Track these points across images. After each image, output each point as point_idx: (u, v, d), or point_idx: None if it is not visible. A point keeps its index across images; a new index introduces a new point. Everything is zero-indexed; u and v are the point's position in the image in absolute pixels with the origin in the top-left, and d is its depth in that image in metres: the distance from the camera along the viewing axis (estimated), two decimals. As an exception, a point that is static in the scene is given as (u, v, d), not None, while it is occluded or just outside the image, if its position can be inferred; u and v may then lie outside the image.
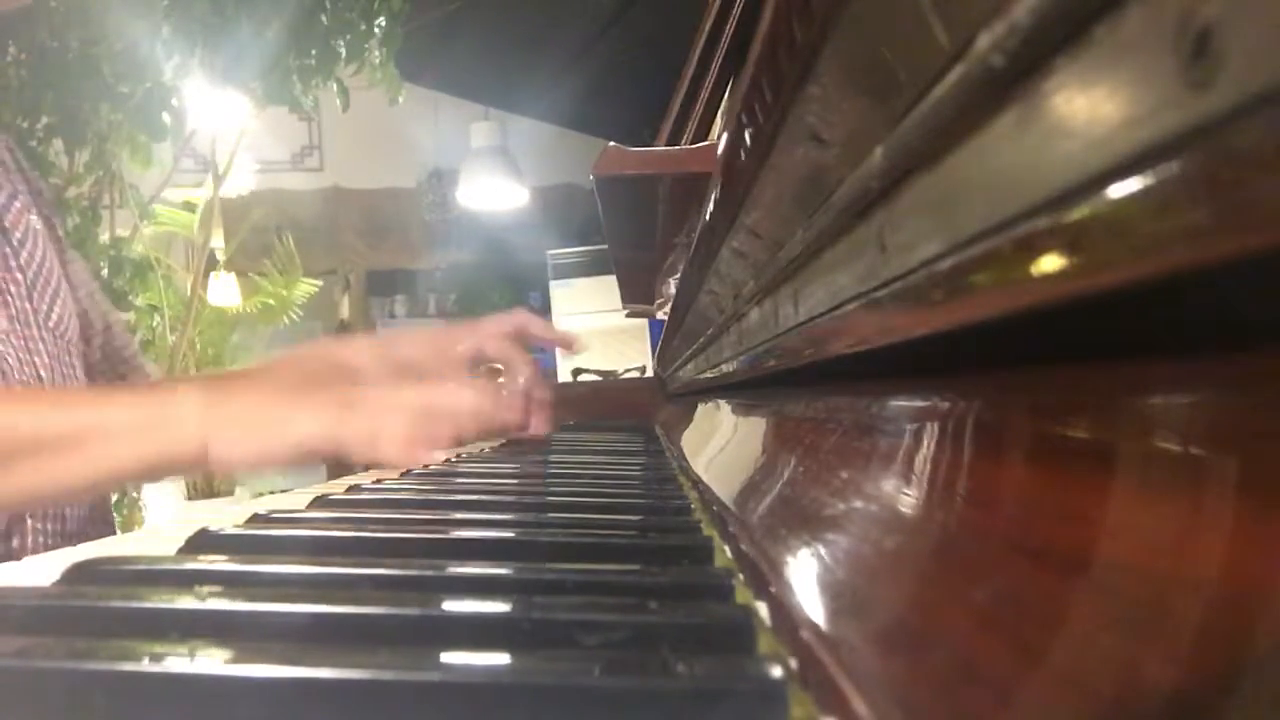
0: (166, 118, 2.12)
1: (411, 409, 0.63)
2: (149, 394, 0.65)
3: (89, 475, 0.57)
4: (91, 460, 0.57)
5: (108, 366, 0.86)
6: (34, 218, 0.78)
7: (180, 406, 0.60)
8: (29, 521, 0.68)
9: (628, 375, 2.37)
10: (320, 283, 3.16)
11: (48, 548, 0.68)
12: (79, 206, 2.14)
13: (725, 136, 0.41)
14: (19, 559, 0.33)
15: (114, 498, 2.11)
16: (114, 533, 0.81)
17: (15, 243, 0.74)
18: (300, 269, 2.99)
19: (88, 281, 0.85)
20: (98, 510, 0.77)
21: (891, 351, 0.23)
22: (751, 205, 0.37)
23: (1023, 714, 0.13)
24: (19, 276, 0.73)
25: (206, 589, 0.23)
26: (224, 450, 0.60)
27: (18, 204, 0.76)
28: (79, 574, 0.26)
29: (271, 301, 2.91)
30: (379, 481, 0.54)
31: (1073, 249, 0.13)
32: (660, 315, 1.28)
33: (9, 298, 0.71)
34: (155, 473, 0.61)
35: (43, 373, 0.71)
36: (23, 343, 0.71)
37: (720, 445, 0.57)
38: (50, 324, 0.74)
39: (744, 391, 0.60)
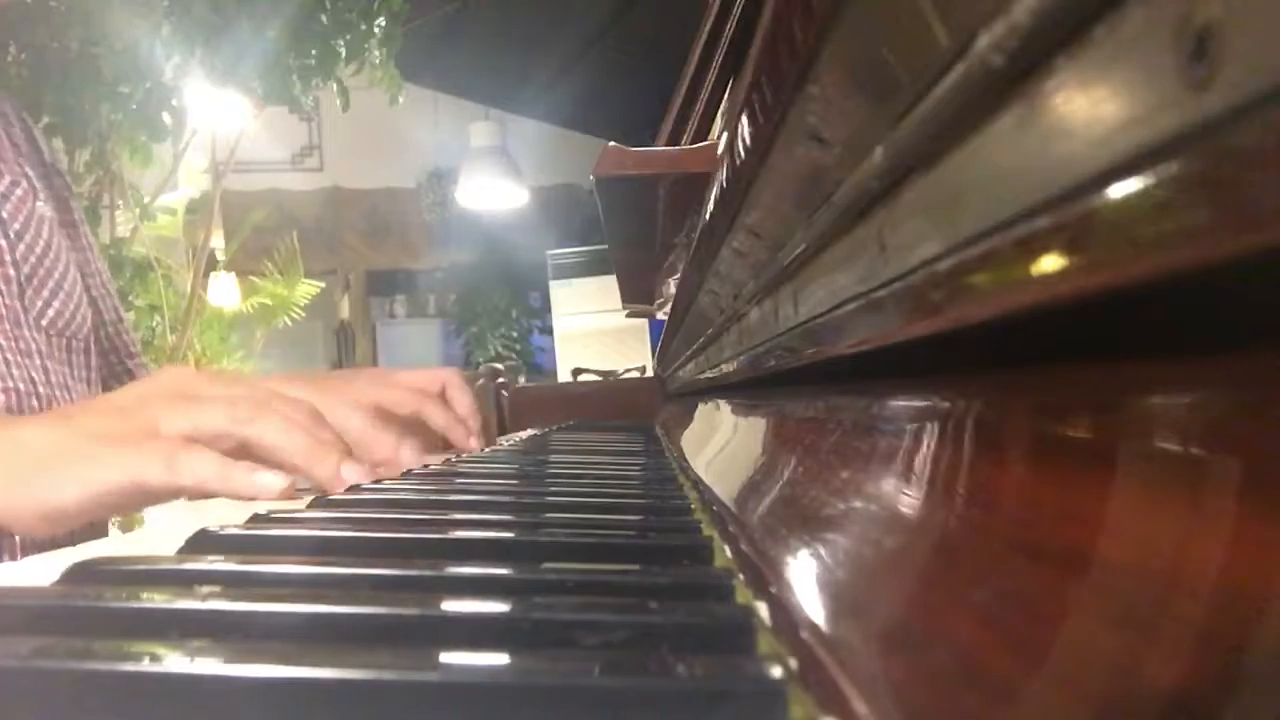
0: (166, 118, 2.12)
1: (218, 419, 0.51)
2: None
3: None
4: None
5: (115, 359, 0.84)
6: (40, 204, 0.75)
7: None
8: (17, 538, 0.65)
9: (628, 375, 2.37)
10: (322, 283, 3.17)
11: None
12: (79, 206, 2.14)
13: (725, 136, 0.41)
14: None
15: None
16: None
17: (13, 234, 0.71)
18: (301, 269, 3.00)
19: (104, 269, 0.84)
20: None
21: (891, 351, 0.23)
22: (751, 205, 0.37)
23: (1023, 714, 0.13)
24: (11, 273, 0.70)
25: (206, 589, 0.23)
26: (2, 504, 0.48)
27: (20, 191, 0.73)
28: (79, 574, 0.26)
29: (269, 301, 2.91)
30: (379, 481, 0.54)
31: (1072, 249, 0.13)
32: (660, 315, 1.28)
33: None
34: None
35: (35, 375, 0.69)
36: (13, 343, 0.69)
37: (720, 445, 0.57)
38: (45, 322, 0.72)
39: (744, 391, 0.60)
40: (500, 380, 1.75)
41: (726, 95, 0.69)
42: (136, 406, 0.53)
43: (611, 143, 0.64)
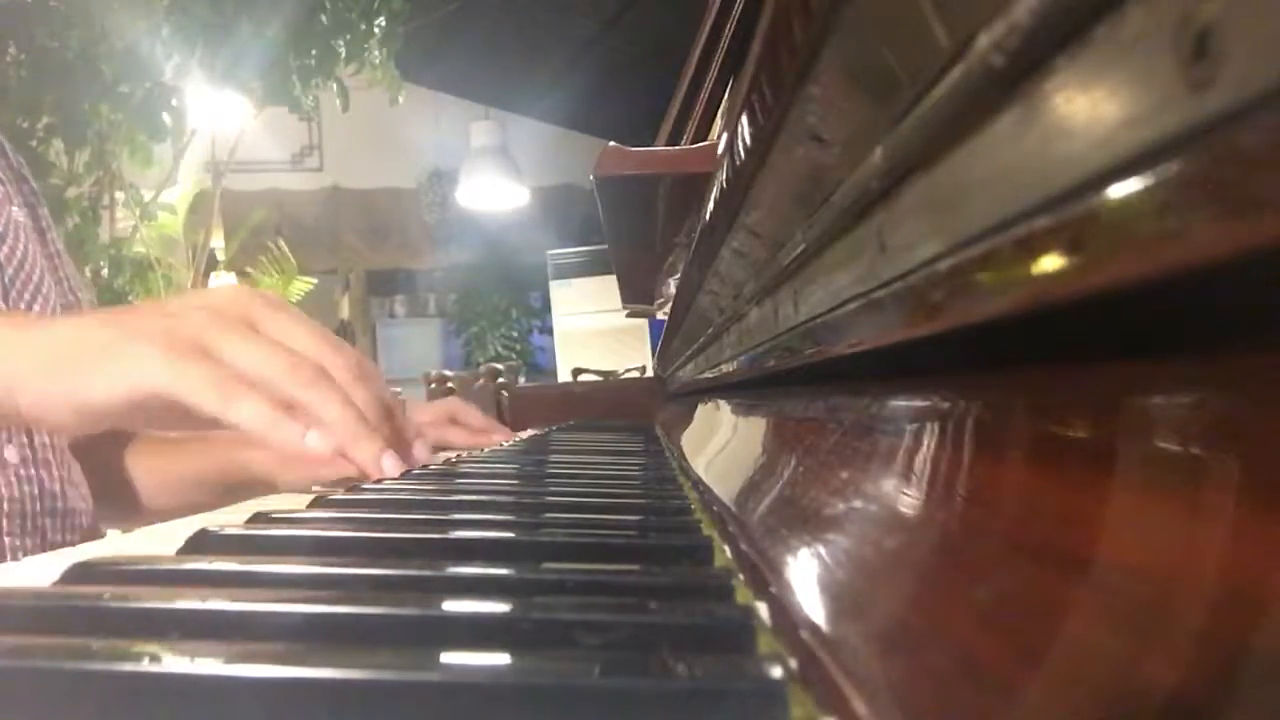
0: (166, 118, 2.12)
1: (279, 370, 0.49)
2: None
3: None
4: None
5: None
6: (15, 209, 0.74)
7: None
8: (6, 540, 0.64)
9: (628, 375, 2.37)
10: (315, 280, 3.16)
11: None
12: (79, 206, 2.14)
13: (725, 136, 0.41)
14: None
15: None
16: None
17: None
18: (295, 269, 3.00)
19: (73, 274, 0.83)
20: (90, 524, 0.75)
21: (891, 351, 0.23)
22: (751, 205, 0.37)
23: (1023, 714, 0.13)
24: None
25: (206, 589, 0.23)
26: (33, 393, 0.47)
27: None
28: (79, 574, 0.26)
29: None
30: (379, 481, 0.54)
31: (1072, 249, 0.13)
32: (660, 315, 1.28)
33: None
34: None
35: None
36: None
37: (720, 445, 0.57)
38: None
39: (744, 391, 0.60)
40: (500, 380, 1.75)
41: (726, 95, 0.69)
42: (187, 316, 0.50)
43: (611, 143, 0.64)
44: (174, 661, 0.17)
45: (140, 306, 0.57)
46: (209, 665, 0.17)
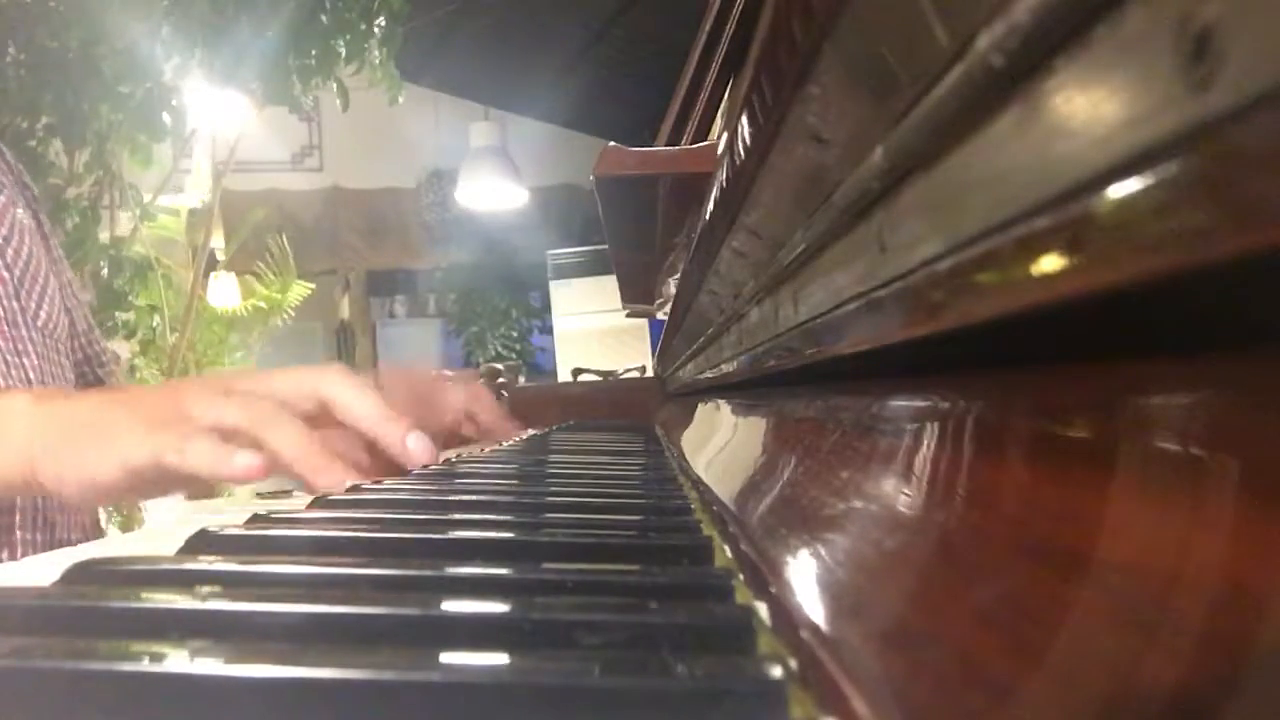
0: (166, 118, 2.12)
1: (238, 417, 0.52)
2: None
3: None
4: None
5: (88, 369, 0.84)
6: (20, 212, 0.75)
7: (6, 417, 0.52)
8: (18, 534, 0.66)
9: (628, 375, 2.37)
10: (313, 285, 3.16)
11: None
12: (79, 206, 2.14)
13: (725, 136, 0.41)
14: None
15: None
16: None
17: (1, 239, 0.72)
18: (294, 271, 2.99)
19: (73, 280, 0.84)
20: (91, 520, 0.75)
21: (891, 351, 0.23)
22: (751, 205, 0.37)
23: (1023, 714, 0.13)
24: (5, 275, 0.71)
25: (206, 589, 0.23)
26: (49, 469, 0.52)
27: (2, 198, 0.74)
28: (79, 574, 0.26)
29: (263, 304, 2.91)
30: (379, 482, 0.54)
31: (1073, 249, 0.13)
32: (660, 315, 1.28)
33: None
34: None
35: (31, 374, 0.69)
36: (10, 344, 0.69)
37: (720, 445, 0.57)
38: (39, 323, 0.72)
39: (744, 391, 0.60)
40: (500, 380, 1.75)
41: (726, 95, 0.69)
42: (177, 394, 0.56)
43: (611, 143, 0.64)
44: (174, 661, 0.17)
45: (145, 388, 0.63)
46: (209, 665, 0.17)
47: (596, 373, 2.46)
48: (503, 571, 0.26)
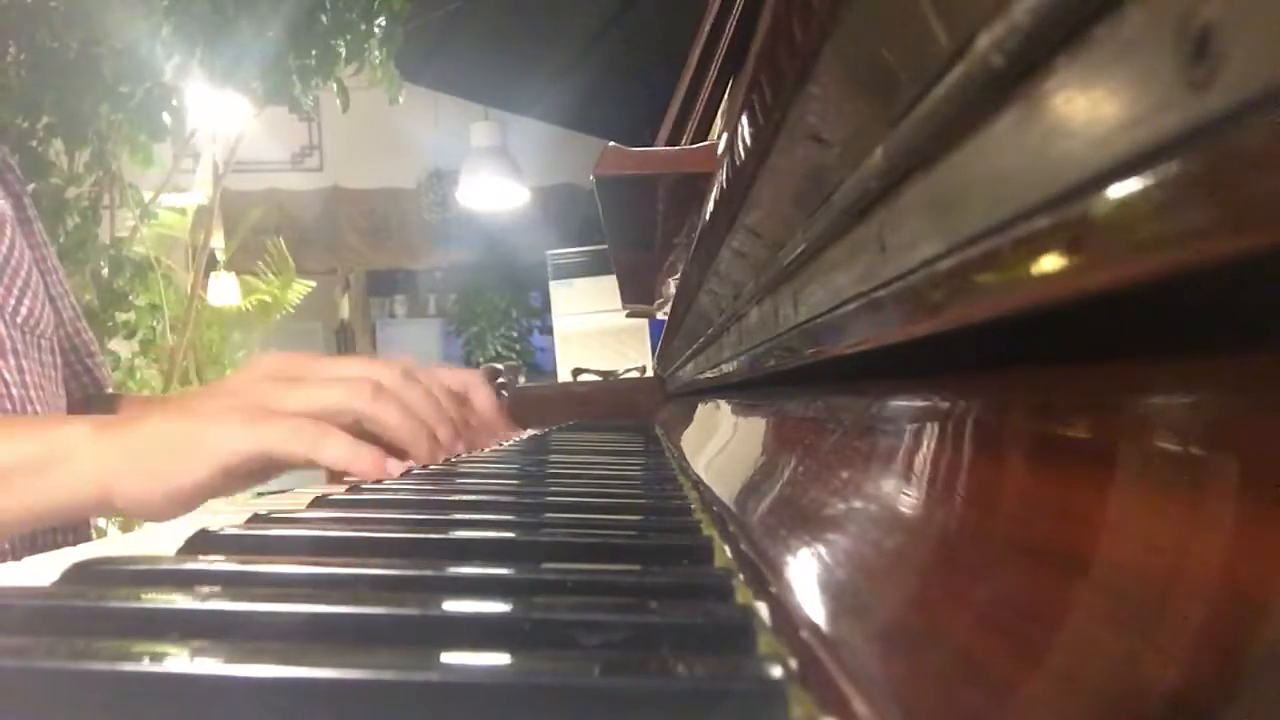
0: (166, 118, 2.12)
1: (339, 399, 0.57)
2: (35, 431, 0.56)
3: None
4: None
5: (74, 358, 0.83)
6: (1, 201, 0.74)
7: (70, 444, 0.53)
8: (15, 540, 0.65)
9: (628, 375, 2.37)
10: (314, 283, 3.16)
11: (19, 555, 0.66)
12: (79, 206, 2.14)
13: (725, 136, 0.41)
14: None
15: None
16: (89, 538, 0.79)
17: None
18: (294, 270, 2.99)
19: (59, 267, 0.82)
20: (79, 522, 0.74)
21: (891, 351, 0.23)
22: (751, 205, 0.37)
23: (1023, 714, 0.13)
24: None
25: (206, 589, 0.23)
26: (130, 487, 0.53)
27: None
28: (79, 574, 0.26)
29: (268, 299, 2.91)
30: (379, 482, 0.54)
31: (1072, 249, 0.13)
32: (660, 315, 1.28)
33: None
34: (51, 520, 0.56)
35: (9, 375, 0.68)
36: None
37: (720, 445, 0.57)
38: (19, 319, 0.71)
39: (744, 391, 0.60)
40: (500, 380, 1.75)
41: (726, 95, 0.69)
42: (248, 389, 0.59)
43: (611, 143, 0.64)
44: (174, 661, 0.17)
45: (202, 392, 0.67)
46: (209, 665, 0.17)
47: (596, 373, 2.45)
48: (503, 571, 0.26)
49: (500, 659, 0.17)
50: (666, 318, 1.14)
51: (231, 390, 0.60)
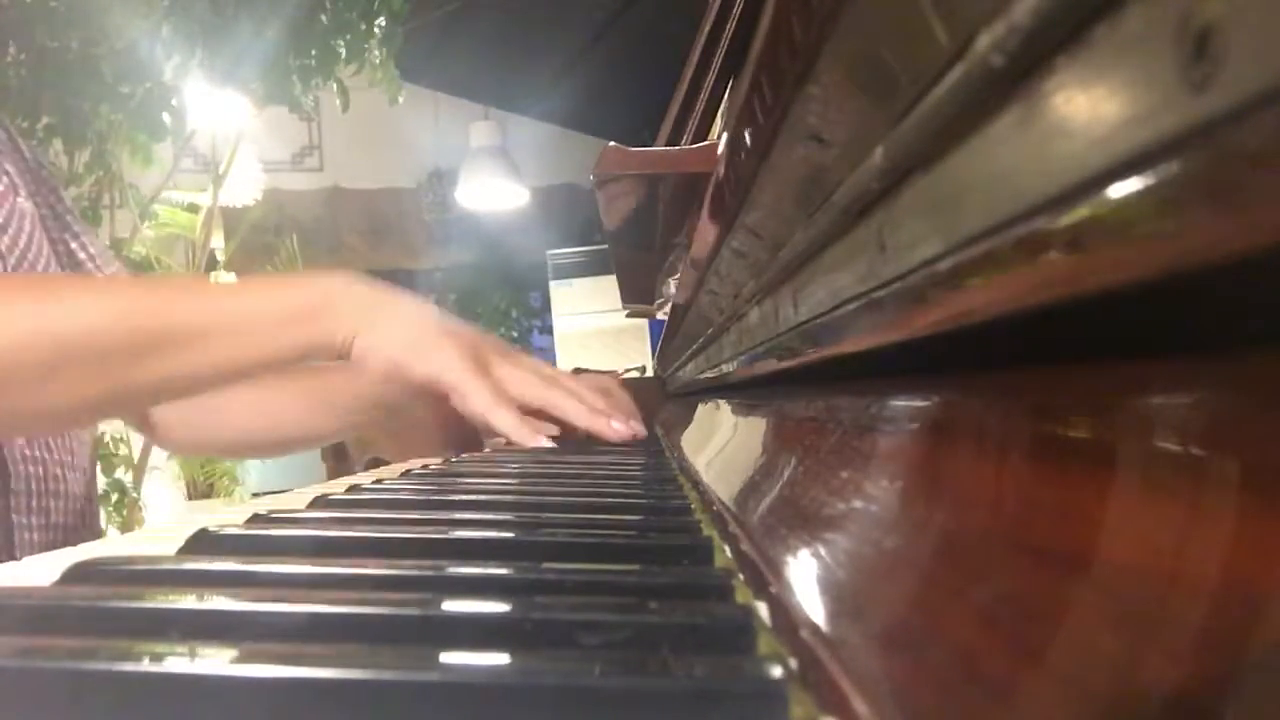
0: (166, 118, 2.12)
1: (534, 389, 0.69)
2: (300, 280, 0.66)
3: (234, 361, 0.58)
4: (237, 346, 0.58)
5: None
6: (21, 200, 0.75)
7: (335, 293, 0.62)
8: (14, 517, 0.67)
9: (628, 375, 2.37)
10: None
11: (33, 542, 0.67)
12: (79, 207, 2.13)
13: (725, 136, 0.41)
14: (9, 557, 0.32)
15: (114, 497, 2.11)
16: (97, 530, 0.80)
17: None
18: (301, 270, 3.00)
19: (95, 256, 0.83)
20: (87, 510, 0.75)
21: (891, 351, 0.23)
22: (751, 205, 0.37)
23: (1023, 714, 0.13)
24: None
25: (206, 589, 0.23)
26: (369, 345, 0.62)
27: (0, 186, 0.73)
28: (79, 574, 0.26)
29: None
30: (379, 481, 0.54)
31: (1073, 249, 0.13)
32: (660, 315, 1.28)
33: None
34: (301, 359, 0.63)
35: None
36: None
37: (720, 445, 0.57)
38: None
39: (744, 391, 0.60)
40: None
41: (726, 95, 0.68)
42: (478, 344, 0.69)
43: (611, 143, 0.64)
44: (174, 661, 0.17)
45: (450, 323, 0.75)
46: (209, 665, 0.17)
47: (596, 373, 2.45)
48: (503, 571, 0.26)
49: (500, 659, 0.17)
50: (666, 318, 1.14)
51: (469, 336, 0.69)
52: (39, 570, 0.28)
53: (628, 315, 1.50)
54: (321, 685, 0.16)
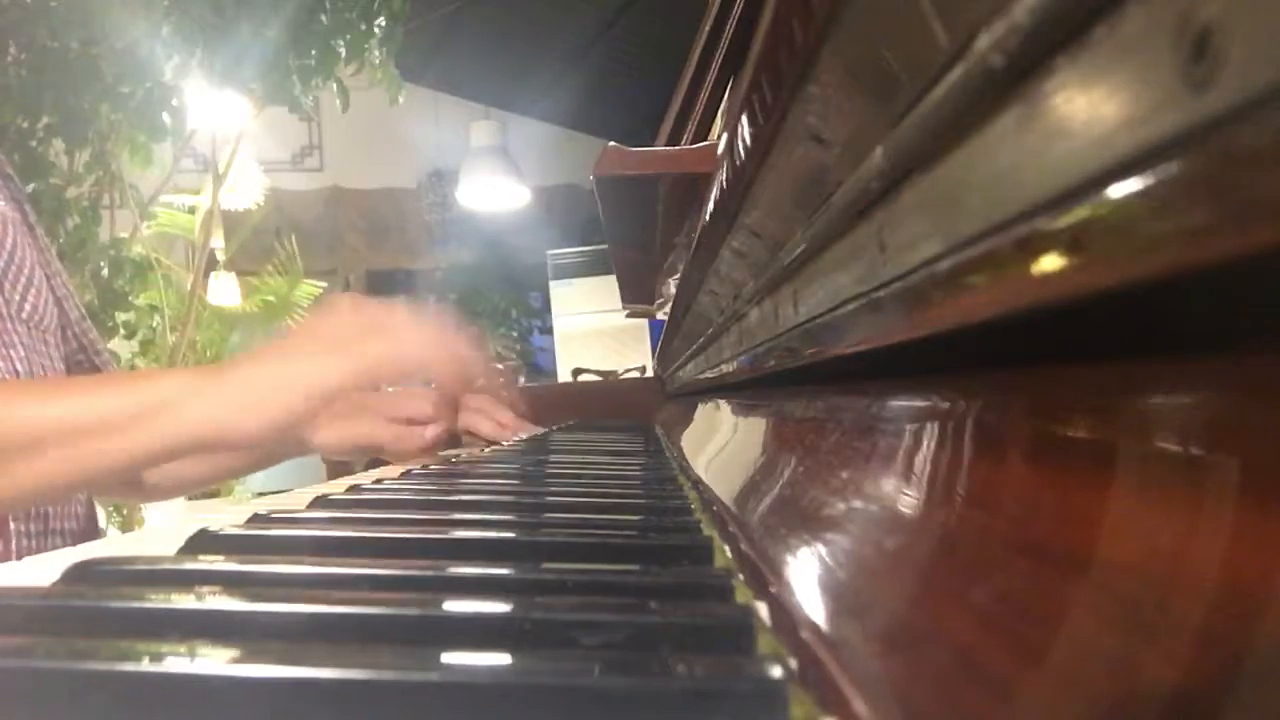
0: (166, 118, 2.12)
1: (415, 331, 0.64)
2: (143, 382, 0.61)
3: (96, 467, 0.56)
4: (97, 453, 0.56)
5: (84, 357, 0.84)
6: (2, 204, 0.75)
7: (176, 393, 0.58)
8: (11, 525, 0.67)
9: (628, 375, 2.37)
10: (324, 285, 3.16)
11: (31, 550, 0.67)
12: (79, 206, 2.14)
13: (725, 136, 0.41)
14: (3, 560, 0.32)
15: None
16: (97, 535, 0.80)
17: None
18: (301, 270, 3.00)
19: (62, 270, 0.84)
20: (85, 515, 0.76)
21: (891, 351, 0.23)
22: (751, 205, 0.37)
23: (1023, 714, 0.13)
24: None
25: (206, 589, 0.23)
26: (239, 420, 0.58)
27: None
28: (79, 574, 0.26)
29: (272, 298, 2.91)
30: (379, 481, 0.54)
31: (1073, 249, 0.13)
32: (660, 315, 1.28)
33: None
34: (169, 458, 0.59)
35: (19, 366, 0.69)
36: None
37: (720, 445, 0.57)
38: (24, 315, 0.72)
39: (744, 391, 0.60)
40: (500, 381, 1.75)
41: (726, 95, 0.68)
42: (338, 332, 0.64)
43: (611, 143, 0.64)
44: (174, 661, 0.17)
45: (296, 334, 0.70)
46: (209, 665, 0.17)
47: (597, 373, 2.46)
48: (503, 571, 0.26)
49: (500, 659, 0.17)
50: (666, 318, 1.14)
51: (323, 336, 0.64)
52: (39, 570, 0.28)
53: (628, 315, 1.50)
54: (321, 685, 0.16)
